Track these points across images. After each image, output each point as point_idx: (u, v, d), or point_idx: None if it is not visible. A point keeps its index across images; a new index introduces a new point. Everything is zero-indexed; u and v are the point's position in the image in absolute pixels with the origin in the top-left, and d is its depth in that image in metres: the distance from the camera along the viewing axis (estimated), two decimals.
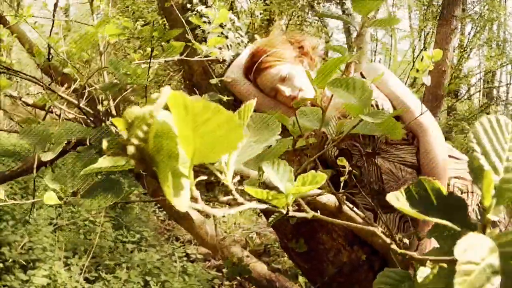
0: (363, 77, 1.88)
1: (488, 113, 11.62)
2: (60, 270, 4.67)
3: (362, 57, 7.22)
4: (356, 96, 0.83)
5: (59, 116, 2.03)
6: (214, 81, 1.89)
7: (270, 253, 5.22)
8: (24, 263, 4.74)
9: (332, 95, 1.91)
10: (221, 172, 0.57)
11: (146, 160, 0.45)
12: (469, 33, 12.34)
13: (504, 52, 12.50)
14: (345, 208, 1.32)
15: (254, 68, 1.90)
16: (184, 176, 0.48)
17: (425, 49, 11.18)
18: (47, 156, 1.00)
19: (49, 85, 2.58)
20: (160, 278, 5.09)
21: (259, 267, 2.44)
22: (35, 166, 1.95)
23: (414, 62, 11.97)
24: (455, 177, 1.75)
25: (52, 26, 1.95)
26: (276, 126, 0.67)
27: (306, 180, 0.68)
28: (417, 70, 2.04)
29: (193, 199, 0.50)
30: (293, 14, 9.95)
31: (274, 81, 1.88)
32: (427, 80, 2.00)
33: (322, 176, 0.70)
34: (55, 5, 1.84)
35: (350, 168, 1.62)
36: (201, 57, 2.13)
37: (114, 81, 1.18)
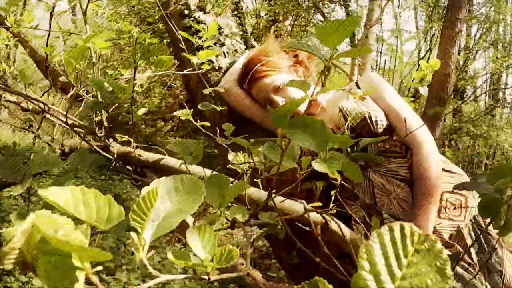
0: (358, 87, 1.86)
1: (493, 115, 11.58)
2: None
3: (367, 60, 7.19)
4: (315, 138, 0.79)
5: (54, 125, 2.02)
6: (207, 91, 1.87)
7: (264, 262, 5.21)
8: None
9: (323, 107, 1.91)
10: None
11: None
12: (475, 35, 12.29)
13: (510, 54, 12.42)
14: (332, 225, 1.31)
15: (248, 77, 1.88)
16: (79, 269, 0.49)
17: (431, 51, 11.15)
18: (17, 191, 0.99)
19: (48, 90, 2.59)
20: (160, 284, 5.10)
21: (254, 274, 2.42)
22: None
23: (419, 64, 11.95)
24: (449, 192, 1.71)
25: (49, 35, 1.94)
26: (201, 192, 0.64)
27: (222, 255, 0.67)
28: (413, 80, 2.03)
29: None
30: (298, 15, 9.94)
31: (268, 91, 1.86)
32: (424, 90, 1.98)
33: (235, 252, 0.68)
34: (51, 14, 1.83)
35: (342, 182, 1.61)
36: (193, 70, 2.12)
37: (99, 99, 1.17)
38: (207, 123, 1.72)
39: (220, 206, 0.86)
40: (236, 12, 10.31)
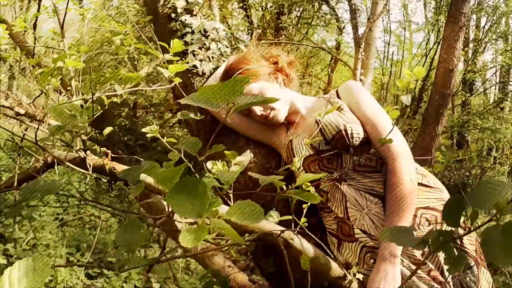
0: (339, 97, 1.84)
1: (502, 108, 11.46)
2: (61, 268, 4.70)
3: (371, 53, 7.12)
4: (195, 203, 0.76)
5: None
6: (184, 101, 1.85)
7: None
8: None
9: (300, 116, 1.89)
10: None
11: None
12: (483, 27, 12.14)
13: None
14: (295, 242, 1.29)
15: None
16: None
17: (439, 42, 11.02)
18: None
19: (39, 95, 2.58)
20: (161, 275, 5.13)
21: (240, 277, 2.43)
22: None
23: (427, 55, 11.86)
24: (424, 208, 1.67)
25: (34, 48, 1.93)
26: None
27: None
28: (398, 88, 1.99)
29: None
30: (304, 8, 9.88)
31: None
32: (406, 99, 1.94)
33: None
34: (35, 25, 1.82)
35: (316, 194, 1.59)
36: (160, 85, 2.10)
37: (58, 124, 1.15)
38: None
39: (200, 215, 0.76)
40: (242, 4, 10.28)
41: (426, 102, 7.17)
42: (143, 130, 1.53)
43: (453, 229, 0.83)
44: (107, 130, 1.63)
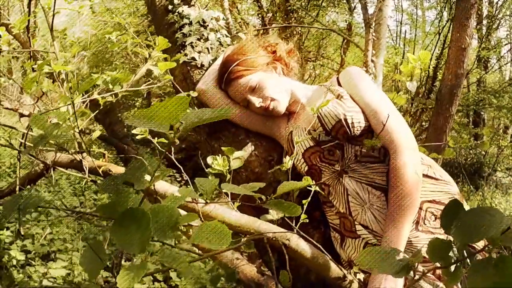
0: (339, 84, 1.78)
1: None
2: (78, 261, 4.73)
3: (381, 33, 6.99)
4: (136, 236, 0.70)
5: None
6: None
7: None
8: (45, 254, 4.83)
9: (302, 106, 1.84)
10: None
11: None
12: (496, 2, 11.89)
13: None
14: (292, 243, 1.25)
15: (224, 78, 1.82)
16: None
17: (451, 20, 10.83)
18: None
19: (41, 96, 2.56)
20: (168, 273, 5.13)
21: (248, 270, 2.39)
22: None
23: (440, 33, 11.65)
24: (429, 201, 1.59)
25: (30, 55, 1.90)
26: None
27: None
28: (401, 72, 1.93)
29: None
30: None
31: (244, 92, 1.80)
32: (412, 86, 1.88)
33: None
34: (28, 28, 1.78)
35: (317, 188, 1.54)
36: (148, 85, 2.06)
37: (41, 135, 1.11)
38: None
39: (142, 250, 0.75)
40: None
41: (440, 80, 7.05)
42: (133, 131, 1.50)
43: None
44: (96, 133, 1.60)
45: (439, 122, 5.65)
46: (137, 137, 1.51)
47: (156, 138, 1.48)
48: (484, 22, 11.85)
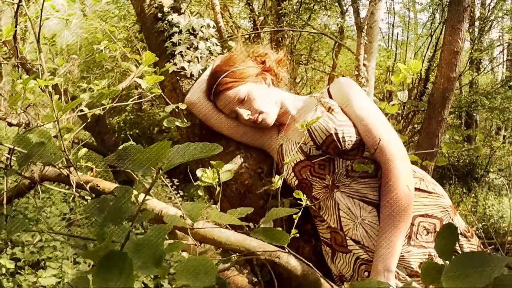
0: (330, 95, 1.75)
1: (510, 87, 11.29)
2: (68, 270, 4.69)
3: (373, 36, 6.99)
4: (118, 281, 0.66)
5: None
6: (168, 108, 1.78)
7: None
8: (35, 262, 4.78)
9: (292, 117, 1.81)
10: None
11: None
12: (489, 4, 11.93)
13: None
14: (282, 260, 1.22)
15: (213, 90, 1.79)
16: None
17: (444, 22, 10.85)
18: None
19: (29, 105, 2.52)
20: (168, 271, 5.09)
21: (240, 280, 2.37)
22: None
23: (432, 35, 11.68)
24: (422, 215, 1.56)
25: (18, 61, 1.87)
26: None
27: None
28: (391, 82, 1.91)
29: None
30: None
31: (232, 104, 1.77)
32: (403, 95, 1.85)
33: None
34: (14, 38, 1.75)
35: (308, 203, 1.52)
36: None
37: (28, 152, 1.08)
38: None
39: None
40: None
41: (432, 83, 7.06)
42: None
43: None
44: (82, 151, 1.56)
45: (432, 126, 5.63)
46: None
47: (147, 145, 1.45)
48: (476, 23, 11.89)
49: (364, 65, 6.52)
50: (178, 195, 8.94)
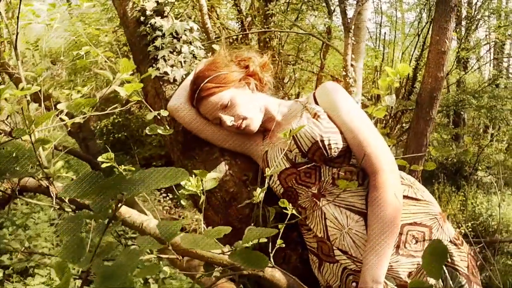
0: (316, 101, 1.71)
1: (497, 85, 11.35)
2: (56, 277, 4.62)
3: (361, 36, 6.98)
4: None
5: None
6: (150, 116, 1.74)
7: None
8: (24, 269, 4.73)
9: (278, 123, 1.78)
10: None
11: None
12: (475, 3, 11.98)
13: None
14: (267, 274, 1.19)
15: (195, 96, 1.74)
16: None
17: (431, 22, 10.88)
18: None
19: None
20: (159, 275, 5.05)
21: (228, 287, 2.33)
22: None
23: (419, 34, 11.71)
24: (410, 224, 1.52)
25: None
26: None
27: None
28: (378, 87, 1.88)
29: None
30: None
31: (215, 110, 1.72)
32: (390, 100, 1.82)
33: None
34: None
35: (294, 212, 1.48)
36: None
37: None
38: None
39: None
40: None
41: (420, 82, 7.07)
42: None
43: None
44: (59, 164, 1.52)
45: (420, 126, 5.62)
46: (103, 165, 1.44)
47: (136, 148, 1.41)
48: (463, 23, 11.93)
49: (352, 65, 6.49)
50: (168, 197, 8.89)
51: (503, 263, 7.99)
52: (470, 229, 8.96)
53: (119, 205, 0.62)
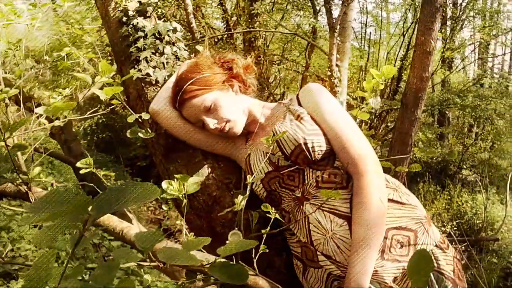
0: (300, 103, 1.68)
1: (482, 85, 11.43)
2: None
3: (346, 36, 6.99)
4: None
5: None
6: (131, 118, 1.71)
7: None
8: (7, 272, 4.67)
9: (261, 125, 1.76)
10: None
11: None
12: (460, 4, 12.05)
13: (496, 23, 12.19)
14: (251, 282, 1.16)
15: (178, 98, 1.71)
16: None
17: (416, 22, 10.92)
18: None
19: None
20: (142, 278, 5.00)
21: None
22: None
23: (404, 34, 11.75)
24: (395, 228, 1.49)
25: None
26: None
27: None
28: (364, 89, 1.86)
29: None
30: None
31: (198, 112, 1.69)
32: (375, 102, 1.80)
33: None
34: None
35: (277, 216, 1.46)
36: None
37: None
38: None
39: None
40: None
41: (405, 81, 7.09)
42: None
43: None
44: (36, 170, 1.48)
45: (405, 126, 5.63)
46: (81, 171, 1.40)
47: (120, 148, 1.38)
48: (448, 23, 12.00)
49: (337, 65, 6.50)
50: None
51: (488, 261, 8.05)
52: (455, 228, 9.02)
53: (86, 226, 0.59)
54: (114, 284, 0.71)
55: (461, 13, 11.78)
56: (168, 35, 2.10)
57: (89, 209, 0.57)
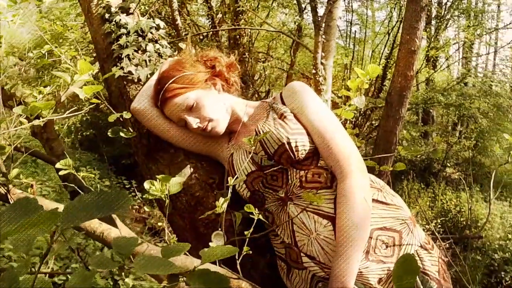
0: (283, 102, 1.66)
1: (466, 84, 11.51)
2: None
3: (331, 34, 6.98)
4: None
5: None
6: (112, 118, 1.67)
7: None
8: None
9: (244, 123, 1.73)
10: None
11: None
12: (445, 3, 12.12)
13: (481, 22, 12.29)
14: (234, 285, 1.14)
15: (160, 97, 1.68)
16: None
17: (401, 21, 10.97)
18: None
19: None
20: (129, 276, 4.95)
21: None
22: None
23: (389, 33, 11.79)
24: (380, 228, 1.48)
25: None
26: None
27: None
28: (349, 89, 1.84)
29: None
30: None
31: (180, 111, 1.67)
32: (359, 101, 1.79)
33: None
34: None
35: (260, 217, 1.44)
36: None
37: None
38: None
39: None
40: None
41: (390, 79, 7.11)
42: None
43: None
44: (14, 171, 1.45)
45: (389, 124, 5.64)
46: (60, 173, 1.37)
47: (104, 146, 1.36)
48: (433, 22, 12.06)
49: (322, 63, 6.48)
50: (137, 197, 8.78)
51: (472, 259, 8.10)
52: (439, 226, 9.07)
53: (54, 238, 0.57)
54: None
55: (446, 12, 11.83)
56: (151, 32, 2.07)
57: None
